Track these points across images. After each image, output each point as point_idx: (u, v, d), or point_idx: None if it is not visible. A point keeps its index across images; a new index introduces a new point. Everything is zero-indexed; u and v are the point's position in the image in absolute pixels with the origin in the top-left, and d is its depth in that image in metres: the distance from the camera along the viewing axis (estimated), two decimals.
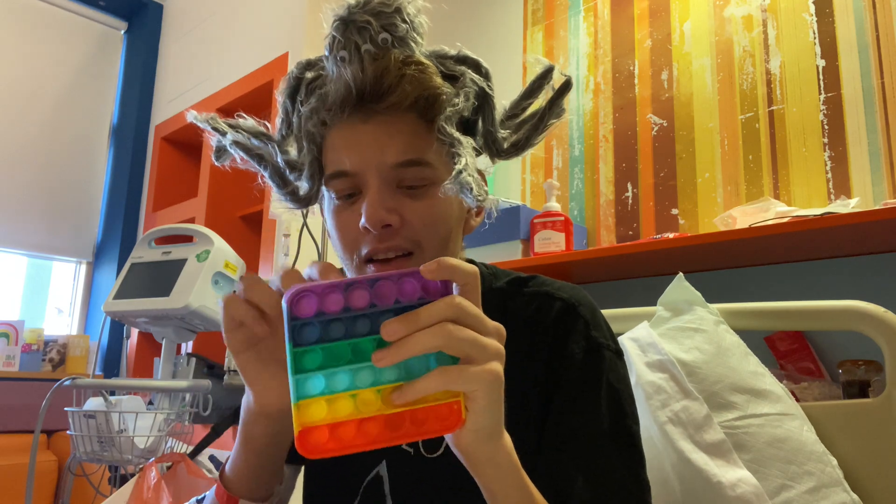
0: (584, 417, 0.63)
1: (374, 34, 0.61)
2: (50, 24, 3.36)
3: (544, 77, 0.69)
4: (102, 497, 1.44)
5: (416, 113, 0.62)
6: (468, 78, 0.65)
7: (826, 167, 1.59)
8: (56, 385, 1.43)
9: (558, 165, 2.11)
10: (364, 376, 0.46)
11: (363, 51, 0.61)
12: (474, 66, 0.67)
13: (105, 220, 3.46)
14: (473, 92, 0.65)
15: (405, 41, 0.62)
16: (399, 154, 0.61)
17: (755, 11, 1.77)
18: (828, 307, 0.89)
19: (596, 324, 0.68)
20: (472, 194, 0.57)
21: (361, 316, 0.46)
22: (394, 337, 0.44)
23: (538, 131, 0.69)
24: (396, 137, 0.61)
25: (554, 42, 2.20)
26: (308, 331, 0.45)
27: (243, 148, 0.67)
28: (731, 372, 0.90)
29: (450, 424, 0.47)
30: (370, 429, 0.46)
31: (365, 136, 0.62)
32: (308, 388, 0.45)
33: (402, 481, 0.69)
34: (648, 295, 1.08)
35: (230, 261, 1.53)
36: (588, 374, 0.65)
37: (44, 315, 3.37)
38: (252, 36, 2.83)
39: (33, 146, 3.25)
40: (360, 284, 0.46)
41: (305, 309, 0.45)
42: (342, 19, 0.62)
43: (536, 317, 0.69)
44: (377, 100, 0.61)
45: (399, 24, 0.61)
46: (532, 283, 0.72)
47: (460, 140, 0.61)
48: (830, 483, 0.81)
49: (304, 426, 0.45)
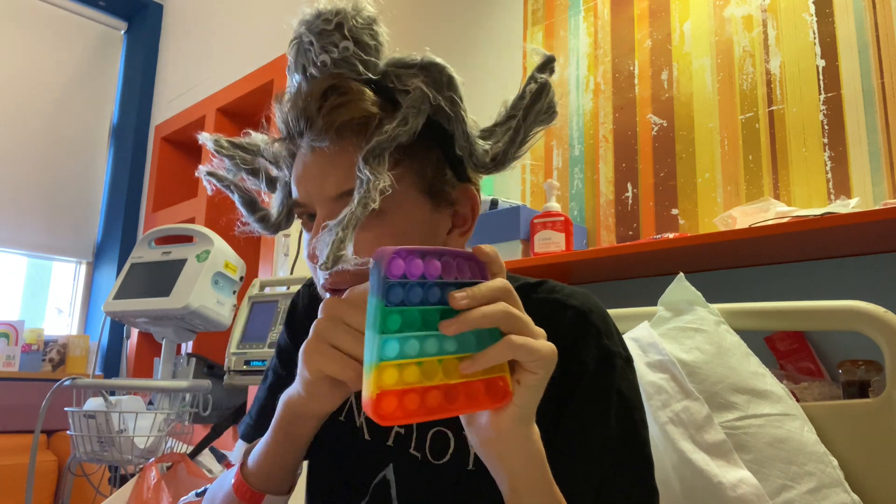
0: (594, 427, 0.63)
1: (315, 56, 0.59)
2: (50, 23, 3.36)
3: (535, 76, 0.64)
4: (102, 497, 1.44)
5: (351, 141, 0.59)
6: (417, 95, 0.59)
7: (826, 167, 1.59)
8: (56, 385, 1.43)
9: (558, 165, 2.11)
10: (431, 344, 0.47)
11: (308, 74, 0.61)
12: (437, 74, 0.60)
13: (105, 220, 3.46)
14: (424, 110, 0.59)
15: (346, 61, 0.59)
16: (337, 186, 0.59)
17: (755, 11, 1.77)
18: (828, 307, 0.89)
19: (608, 331, 0.68)
20: (317, 263, 0.55)
21: (433, 285, 0.47)
22: (462, 305, 0.46)
23: (515, 143, 0.63)
24: (336, 168, 0.59)
25: (554, 42, 2.20)
26: (395, 292, 0.45)
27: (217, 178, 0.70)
28: (732, 372, 0.90)
29: (499, 398, 0.49)
30: (431, 399, 0.46)
31: (310, 168, 0.61)
32: (387, 351, 0.45)
33: (408, 486, 0.69)
34: (648, 295, 1.08)
35: (230, 261, 1.53)
36: (599, 384, 0.65)
37: (44, 315, 3.37)
38: (252, 36, 2.83)
39: (33, 146, 3.25)
40: (433, 254, 0.47)
41: (395, 269, 0.45)
42: (296, 38, 0.61)
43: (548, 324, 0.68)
44: (308, 130, 0.60)
45: (339, 44, 0.59)
46: (542, 289, 0.71)
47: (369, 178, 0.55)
48: (831, 483, 0.81)
49: (381, 389, 0.44)
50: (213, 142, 0.69)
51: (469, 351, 0.48)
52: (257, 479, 0.63)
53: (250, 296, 1.70)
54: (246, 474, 0.64)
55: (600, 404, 0.64)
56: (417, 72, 0.60)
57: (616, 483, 0.62)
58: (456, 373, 0.48)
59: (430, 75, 0.60)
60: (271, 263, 2.38)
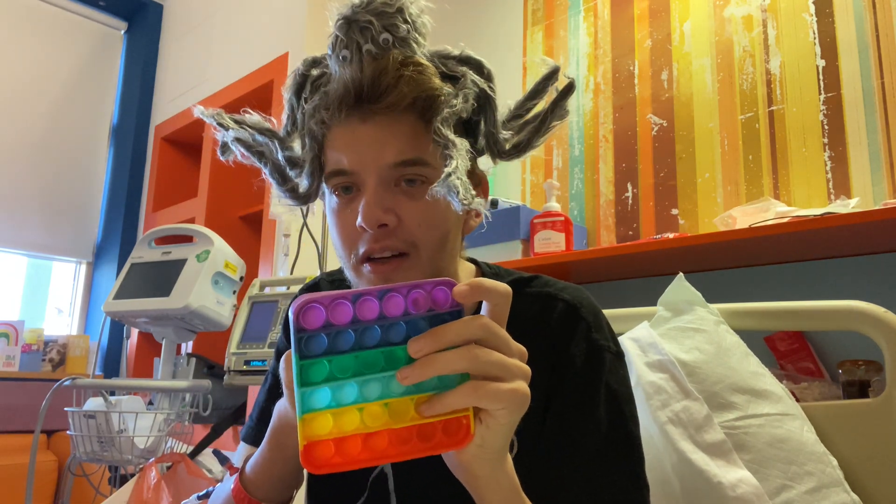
0: (583, 421, 0.64)
1: (376, 34, 0.61)
2: (50, 24, 3.36)
3: (549, 78, 0.69)
4: (102, 497, 1.44)
5: (414, 113, 0.62)
6: (469, 79, 0.65)
7: (826, 167, 1.59)
8: (56, 385, 1.43)
9: (558, 165, 2.11)
10: (372, 389, 0.45)
11: (364, 50, 0.61)
12: (476, 67, 0.67)
13: (105, 220, 3.46)
14: (473, 93, 0.65)
15: (406, 41, 0.63)
16: (397, 154, 0.61)
17: (755, 11, 1.77)
18: (828, 307, 0.89)
19: (598, 325, 0.69)
20: (458, 197, 0.56)
21: (370, 327, 0.45)
22: (421, 354, 0.44)
23: (540, 133, 0.69)
24: (395, 138, 0.61)
25: (554, 42, 2.20)
26: (315, 342, 0.45)
27: (244, 144, 0.68)
28: (732, 372, 0.90)
29: (458, 440, 0.46)
30: (377, 443, 0.45)
31: (364, 136, 0.62)
32: (314, 402, 0.44)
33: (406, 479, 0.69)
34: (648, 295, 1.08)
35: (230, 261, 1.53)
36: (587, 378, 0.66)
37: (44, 315, 3.37)
38: (252, 36, 2.83)
39: (33, 146, 3.25)
40: (370, 295, 0.45)
41: (313, 320, 0.45)
42: (345, 18, 0.62)
43: (539, 318, 0.70)
44: (374, 100, 0.61)
45: (400, 25, 0.62)
46: (535, 284, 0.73)
47: (454, 142, 0.60)
48: (831, 483, 0.81)
49: (309, 440, 0.44)
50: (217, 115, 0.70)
51: (427, 390, 0.46)
52: (255, 486, 0.63)
53: (250, 296, 1.70)
54: (244, 481, 0.64)
55: (588, 398, 0.65)
56: (461, 62, 0.66)
57: (605, 477, 0.62)
58: (408, 414, 0.46)
59: (472, 66, 0.66)
60: (271, 263, 2.39)
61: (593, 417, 0.64)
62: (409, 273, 0.62)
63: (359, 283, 0.65)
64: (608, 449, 0.63)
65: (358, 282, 0.65)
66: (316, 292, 0.46)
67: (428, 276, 0.64)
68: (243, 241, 2.73)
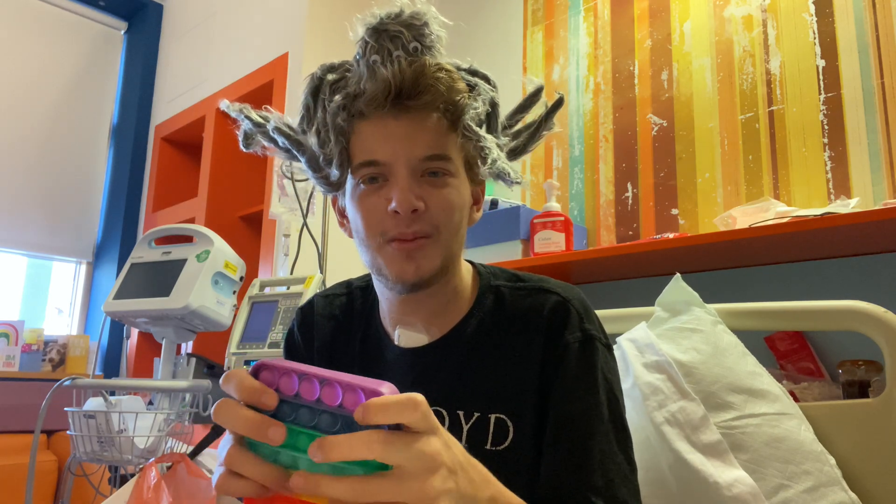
0: (586, 405, 0.69)
1: (406, 42, 0.68)
2: (50, 24, 3.36)
3: (535, 95, 0.79)
4: (102, 497, 1.44)
5: (440, 113, 0.70)
6: (482, 87, 0.74)
7: (826, 167, 1.59)
8: (56, 385, 1.43)
9: (558, 165, 2.11)
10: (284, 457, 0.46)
11: (394, 56, 0.68)
12: (484, 79, 0.75)
13: (105, 220, 3.46)
14: (487, 99, 0.73)
15: (432, 50, 0.70)
16: (427, 148, 0.69)
17: (755, 11, 1.77)
18: (828, 307, 0.89)
19: (588, 318, 0.74)
20: (511, 178, 0.70)
21: (302, 406, 0.46)
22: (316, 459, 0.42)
23: (533, 140, 0.79)
24: (425, 133, 0.69)
25: (554, 42, 2.20)
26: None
27: (285, 134, 0.74)
28: (729, 372, 0.90)
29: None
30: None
31: (397, 130, 0.69)
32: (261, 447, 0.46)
33: None
34: (648, 295, 1.08)
35: (230, 261, 1.53)
36: (585, 364, 0.71)
37: (44, 315, 3.37)
38: (252, 36, 2.83)
39: (33, 146, 3.26)
40: (313, 378, 0.45)
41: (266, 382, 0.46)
42: (375, 28, 0.68)
43: (532, 310, 0.75)
44: (413, 97, 0.68)
45: (427, 35, 0.69)
46: (528, 280, 0.79)
47: (485, 136, 0.70)
48: (828, 482, 0.81)
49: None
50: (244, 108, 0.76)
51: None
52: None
53: (250, 296, 1.70)
54: None
55: (588, 384, 0.70)
56: (470, 73, 0.75)
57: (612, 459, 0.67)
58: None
59: (481, 77, 0.75)
60: (271, 263, 2.39)
61: (595, 401, 0.69)
62: (430, 250, 0.70)
63: (382, 263, 0.71)
64: (611, 432, 0.68)
65: (381, 262, 0.71)
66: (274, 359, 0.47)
67: (444, 256, 0.71)
68: (243, 241, 2.74)
